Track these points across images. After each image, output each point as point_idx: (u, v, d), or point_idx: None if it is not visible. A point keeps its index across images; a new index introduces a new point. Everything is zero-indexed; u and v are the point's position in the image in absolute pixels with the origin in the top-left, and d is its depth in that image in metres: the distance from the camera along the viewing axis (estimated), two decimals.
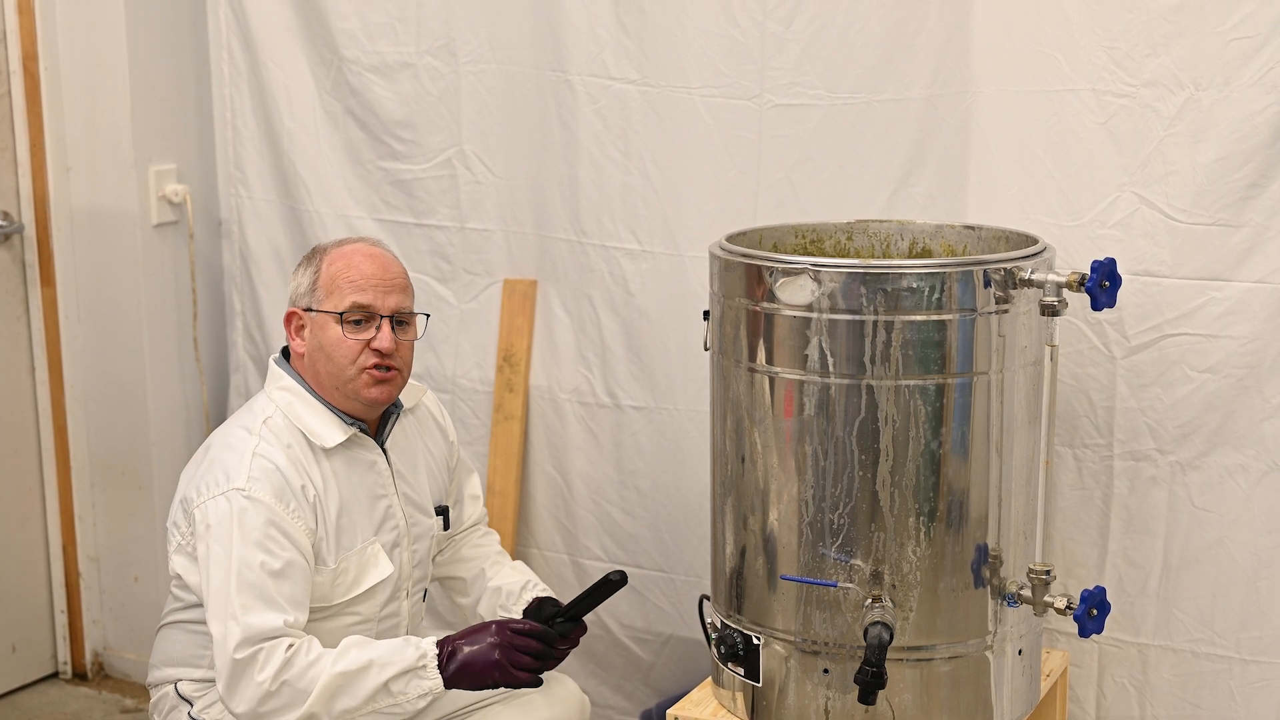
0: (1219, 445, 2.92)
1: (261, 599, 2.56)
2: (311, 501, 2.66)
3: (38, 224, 3.96)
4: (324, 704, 2.56)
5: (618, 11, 3.33)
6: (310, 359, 2.73)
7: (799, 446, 2.57)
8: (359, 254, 2.72)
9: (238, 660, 2.54)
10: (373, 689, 2.57)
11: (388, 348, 2.67)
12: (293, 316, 2.76)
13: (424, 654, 2.60)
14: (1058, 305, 2.51)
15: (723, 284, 2.67)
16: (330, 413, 2.72)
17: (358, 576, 2.73)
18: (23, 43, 3.86)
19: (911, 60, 3.10)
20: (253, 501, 2.59)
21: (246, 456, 2.64)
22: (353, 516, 2.73)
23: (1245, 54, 2.78)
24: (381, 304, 2.69)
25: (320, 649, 2.58)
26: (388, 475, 2.80)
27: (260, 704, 2.55)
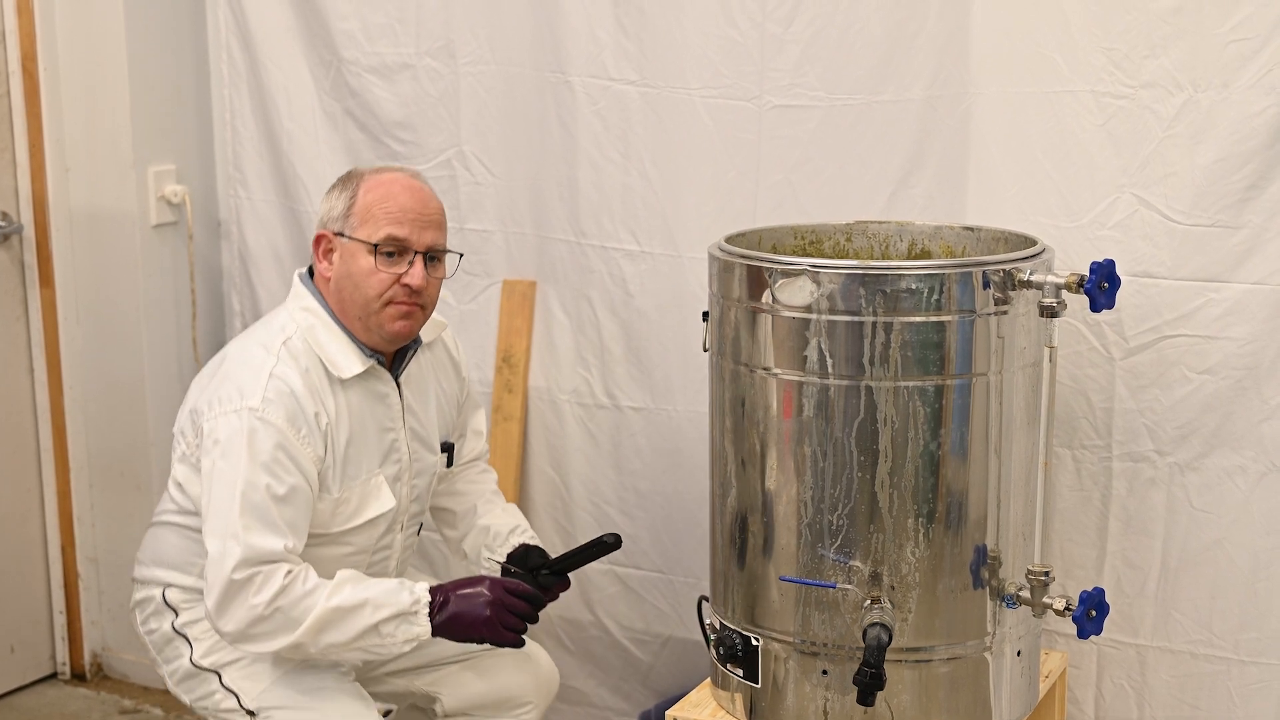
0: (1217, 447, 2.92)
1: (264, 521, 2.54)
2: (323, 429, 2.63)
3: (37, 225, 3.96)
4: (312, 635, 2.55)
5: (617, 13, 3.33)
6: (336, 285, 2.68)
7: (798, 448, 2.57)
8: (398, 185, 2.67)
9: (234, 580, 2.52)
10: (363, 628, 2.56)
11: (418, 284, 2.64)
12: (322, 239, 2.70)
13: (418, 600, 2.59)
14: (1056, 307, 2.51)
15: (722, 285, 2.67)
16: (350, 342, 2.68)
17: (359, 507, 2.71)
18: (22, 44, 3.86)
19: (911, 61, 3.10)
20: (264, 423, 2.56)
21: (263, 376, 2.60)
22: (360, 447, 2.70)
23: (1244, 56, 2.78)
24: (417, 239, 2.64)
25: (316, 580, 2.56)
26: (398, 409, 2.77)
27: (250, 626, 2.53)
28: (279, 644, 2.56)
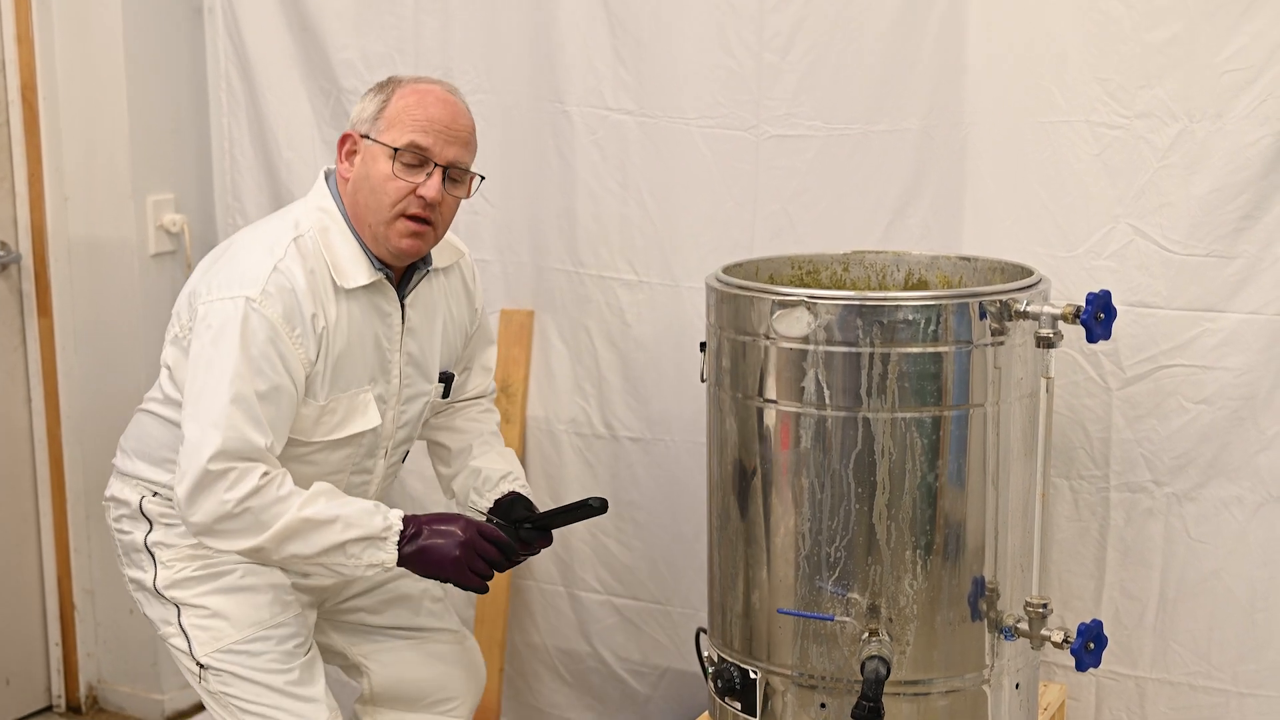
0: (1214, 477, 2.92)
1: (248, 415, 2.48)
2: (319, 332, 2.56)
3: (35, 254, 3.96)
4: (277, 542, 2.49)
5: (614, 43, 3.34)
6: (354, 186, 2.62)
7: (795, 479, 2.57)
8: (433, 95, 2.61)
9: (209, 470, 2.46)
10: (330, 544, 2.50)
11: (433, 197, 2.56)
12: (347, 139, 2.65)
13: (390, 526, 2.53)
14: (1053, 337, 2.51)
15: (719, 316, 2.68)
16: (361, 251, 2.62)
17: (344, 420, 2.65)
18: (21, 73, 3.86)
19: (907, 92, 3.11)
20: (260, 316, 2.50)
21: (266, 268, 2.54)
22: (353, 360, 2.64)
23: (1238, 86, 2.79)
24: (440, 152, 2.57)
25: (292, 487, 2.51)
26: (398, 330, 2.70)
27: (217, 522, 2.48)
28: (242, 544, 2.50)
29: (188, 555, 2.71)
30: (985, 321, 2.51)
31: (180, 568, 2.72)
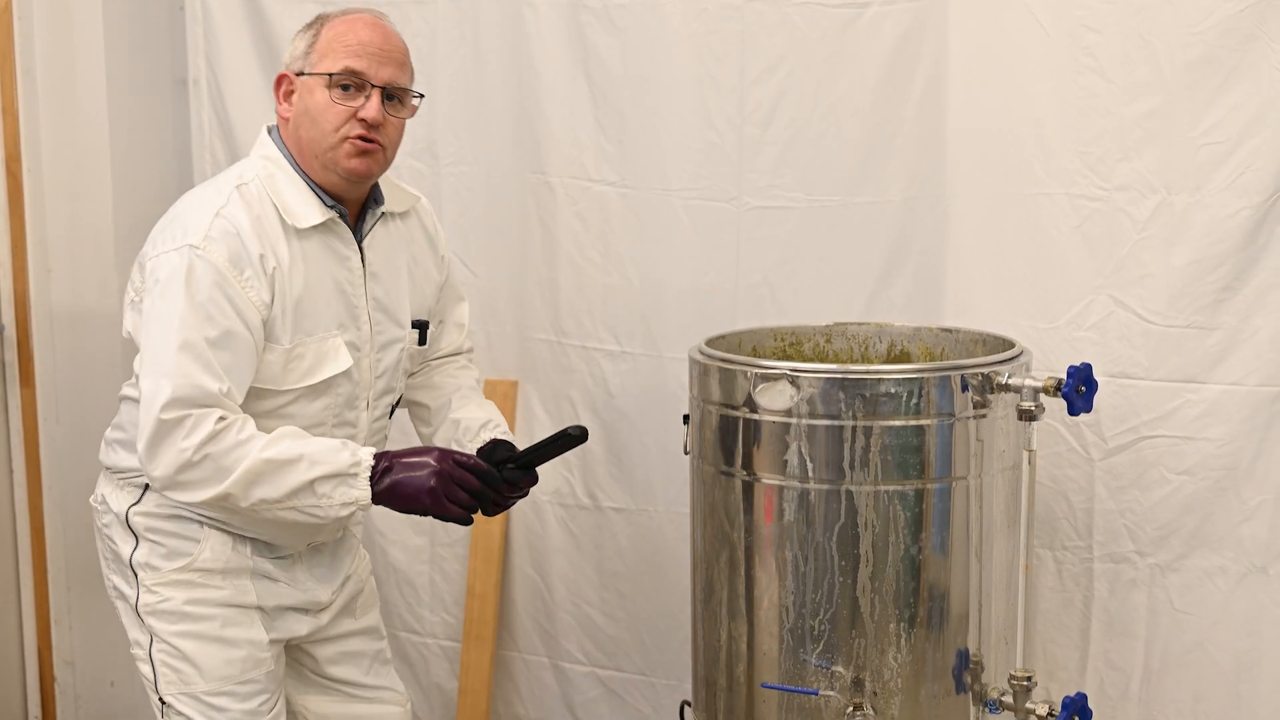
0: (1198, 547, 2.93)
1: (198, 361, 2.41)
2: (269, 273, 2.49)
3: (18, 325, 3.95)
4: (243, 487, 2.42)
5: (597, 115, 3.36)
6: (295, 124, 2.58)
7: (779, 552, 2.57)
8: (361, 20, 2.58)
9: (163, 420, 2.40)
10: (297, 484, 2.43)
11: (374, 118, 2.52)
12: (283, 80, 2.61)
13: (358, 462, 2.45)
14: (1035, 410, 2.52)
15: (702, 388, 2.68)
16: (311, 192, 2.57)
17: (314, 365, 2.57)
18: (6, 144, 3.87)
19: (888, 163, 3.13)
20: (204, 261, 2.44)
21: (209, 215, 2.48)
22: (316, 304, 2.57)
23: (1216, 159, 2.82)
24: (375, 73, 2.53)
25: (254, 430, 2.44)
26: (359, 274, 2.64)
27: (179, 472, 2.42)
28: (208, 493, 2.43)
29: (172, 582, 2.65)
30: (967, 394, 2.52)
31: (162, 595, 2.65)
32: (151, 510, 2.66)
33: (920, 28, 3.08)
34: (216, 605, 2.65)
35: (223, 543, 2.63)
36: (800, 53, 3.14)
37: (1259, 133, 2.79)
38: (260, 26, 3.70)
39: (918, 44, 3.09)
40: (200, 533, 2.62)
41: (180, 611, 2.64)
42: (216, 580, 2.64)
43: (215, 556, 2.63)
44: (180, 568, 2.64)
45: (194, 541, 2.62)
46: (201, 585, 2.64)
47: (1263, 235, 2.81)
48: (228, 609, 2.66)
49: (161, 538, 2.65)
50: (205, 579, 2.64)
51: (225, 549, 2.63)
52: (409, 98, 2.61)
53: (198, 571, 2.63)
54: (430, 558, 3.72)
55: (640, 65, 3.29)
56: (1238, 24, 2.78)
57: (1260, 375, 2.84)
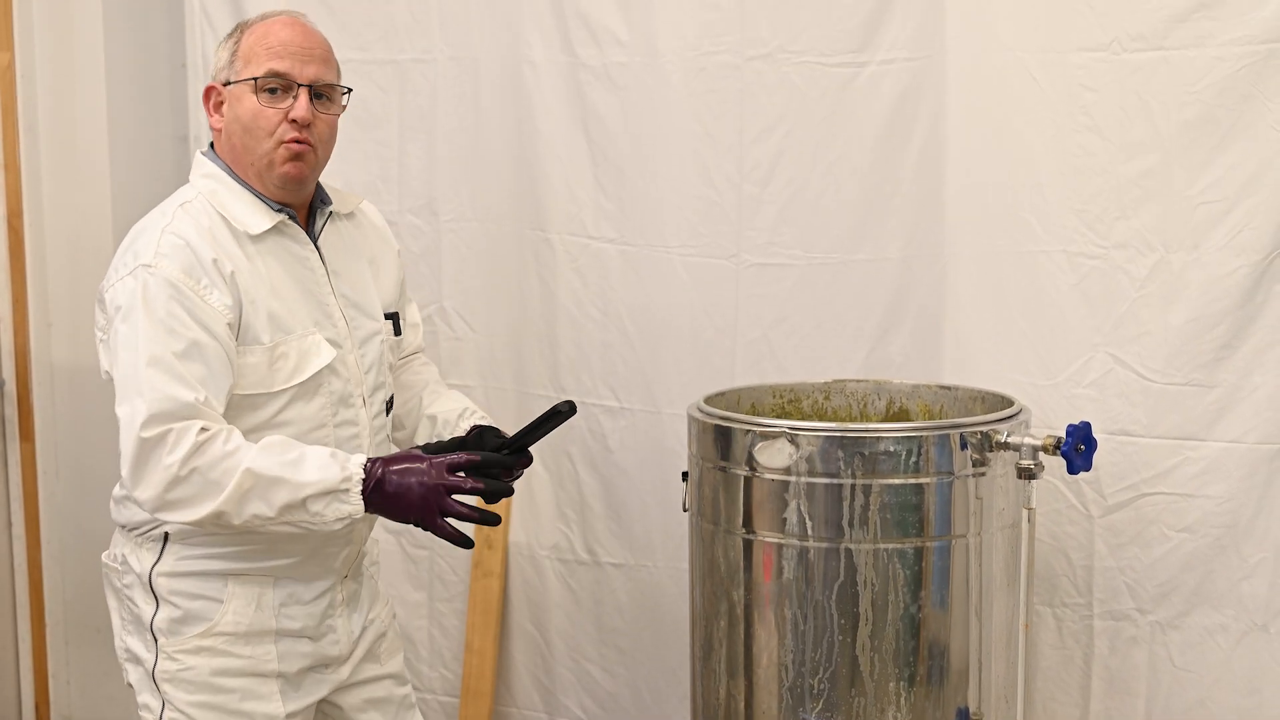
0: (1198, 605, 2.92)
1: (169, 374, 2.36)
2: (227, 275, 2.45)
3: (18, 379, 3.96)
4: (236, 504, 2.36)
5: (596, 172, 3.38)
6: (227, 135, 2.55)
7: (778, 610, 2.56)
8: (279, 22, 2.56)
9: (144, 439, 2.34)
10: (289, 501, 2.37)
11: (303, 117, 2.49)
12: (210, 92, 2.58)
13: (348, 476, 2.38)
14: (1034, 469, 2.52)
15: (701, 446, 2.68)
16: (255, 198, 2.53)
17: (299, 363, 2.52)
18: (8, 200, 3.89)
19: (887, 221, 3.14)
20: (157, 277, 2.41)
21: (156, 235, 2.46)
22: (289, 304, 2.53)
23: (1213, 218, 2.83)
24: (299, 72, 2.51)
25: (240, 441, 2.37)
26: (322, 273, 2.60)
27: (167, 490, 2.35)
28: (200, 512, 2.36)
29: (194, 649, 2.58)
30: (966, 452, 2.52)
31: (184, 664, 2.58)
32: (174, 569, 2.59)
33: (918, 87, 3.10)
34: (237, 675, 2.59)
35: (247, 601, 2.57)
36: (799, 111, 3.16)
37: (1256, 191, 2.80)
38: None
39: (916, 103, 3.10)
40: (224, 591, 2.56)
41: (201, 682, 2.58)
42: (239, 647, 2.57)
43: (238, 619, 2.56)
44: (202, 633, 2.57)
45: (216, 603, 2.56)
46: (224, 653, 2.57)
47: (1260, 293, 2.81)
48: (248, 679, 2.60)
49: (183, 600, 2.59)
50: (228, 645, 2.57)
51: (249, 609, 2.57)
52: (337, 93, 2.59)
53: (220, 636, 2.57)
54: (429, 613, 3.71)
55: (639, 123, 3.31)
56: (1234, 83, 2.80)
57: (1260, 433, 2.85)
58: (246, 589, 2.57)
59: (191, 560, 2.56)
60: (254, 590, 2.57)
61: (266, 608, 2.58)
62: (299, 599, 2.61)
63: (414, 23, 3.54)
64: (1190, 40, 2.81)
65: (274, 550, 2.55)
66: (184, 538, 2.54)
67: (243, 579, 2.56)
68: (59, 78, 3.83)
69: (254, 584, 2.57)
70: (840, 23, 3.12)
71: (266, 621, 2.58)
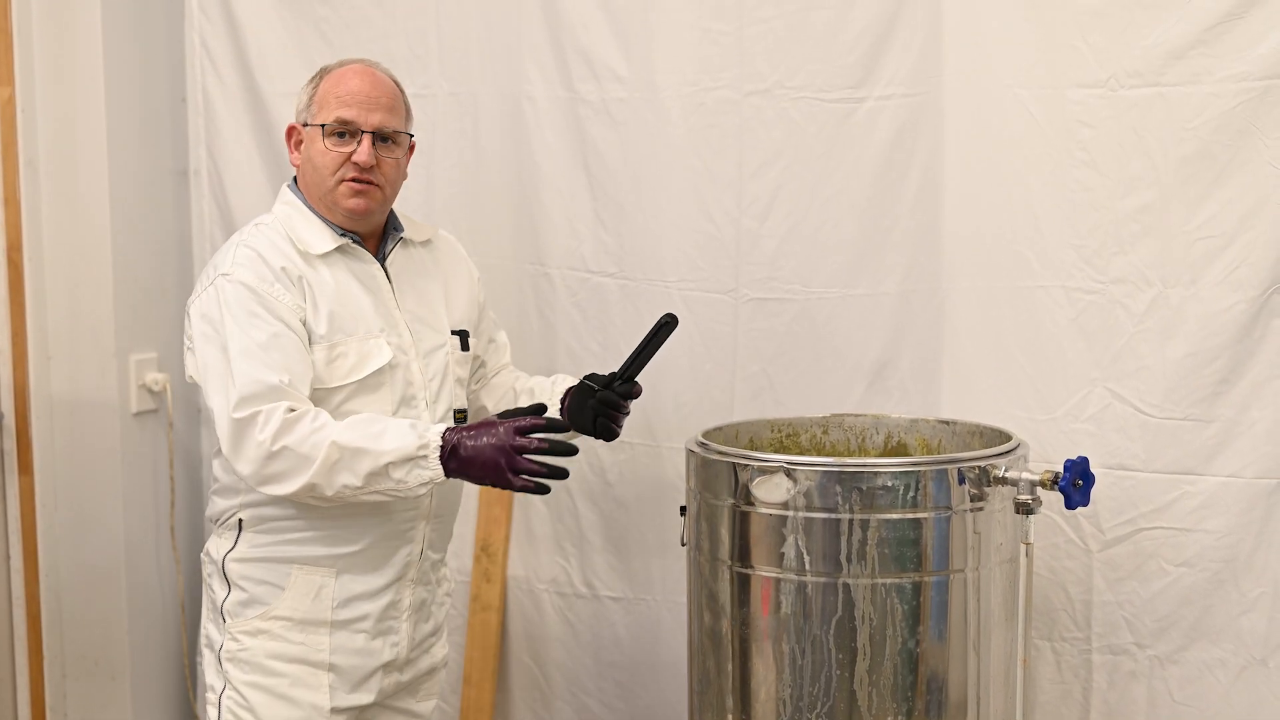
0: (1197, 639, 2.92)
1: (254, 361, 2.57)
2: (296, 280, 2.67)
3: (17, 412, 3.96)
4: (325, 475, 2.54)
5: (596, 207, 3.39)
6: (302, 171, 2.78)
7: (776, 644, 2.56)
8: (351, 71, 2.77)
9: (237, 420, 2.54)
10: (372, 469, 2.54)
11: (364, 161, 2.69)
12: (292, 131, 2.81)
13: (426, 444, 2.54)
14: (1032, 504, 2.52)
15: (699, 481, 2.68)
16: (323, 224, 2.75)
17: (358, 362, 2.70)
18: (8, 234, 3.89)
19: (885, 256, 3.15)
20: (234, 282, 2.63)
21: (233, 250, 2.70)
22: (352, 310, 2.71)
23: (1211, 253, 2.83)
24: (364, 120, 2.71)
25: (327, 419, 2.56)
26: (388, 290, 2.78)
27: (263, 466, 2.54)
28: (296, 484, 2.54)
29: (253, 630, 2.74)
30: (964, 487, 2.52)
31: (243, 644, 2.75)
32: (245, 555, 2.76)
33: (916, 122, 3.11)
34: (290, 661, 2.73)
35: (306, 590, 2.72)
36: (797, 146, 3.18)
37: (1253, 227, 2.81)
38: (261, 117, 3.73)
39: (914, 137, 3.12)
40: (287, 579, 2.71)
41: (255, 663, 2.74)
42: (293, 633, 2.72)
43: (295, 606, 2.71)
44: (260, 614, 2.73)
45: (278, 589, 2.72)
46: (280, 638, 2.73)
47: (1258, 328, 2.82)
48: (299, 666, 2.74)
49: (250, 584, 2.75)
50: (284, 630, 2.72)
51: (307, 598, 2.71)
52: (402, 138, 2.78)
53: (276, 620, 2.72)
54: None
55: (639, 158, 3.32)
56: (1230, 120, 2.81)
57: (1258, 468, 2.85)
58: (309, 578, 2.72)
59: (261, 547, 2.73)
60: (315, 581, 2.72)
61: (325, 599, 2.73)
62: (361, 593, 2.74)
63: (413, 58, 3.56)
64: (1187, 77, 2.83)
65: (335, 538, 2.69)
66: (256, 525, 2.73)
67: (307, 569, 2.72)
68: (59, 112, 3.84)
69: (316, 575, 2.72)
70: (838, 59, 3.14)
71: (323, 613, 2.73)
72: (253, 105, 3.74)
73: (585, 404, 2.80)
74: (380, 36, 3.57)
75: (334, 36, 3.60)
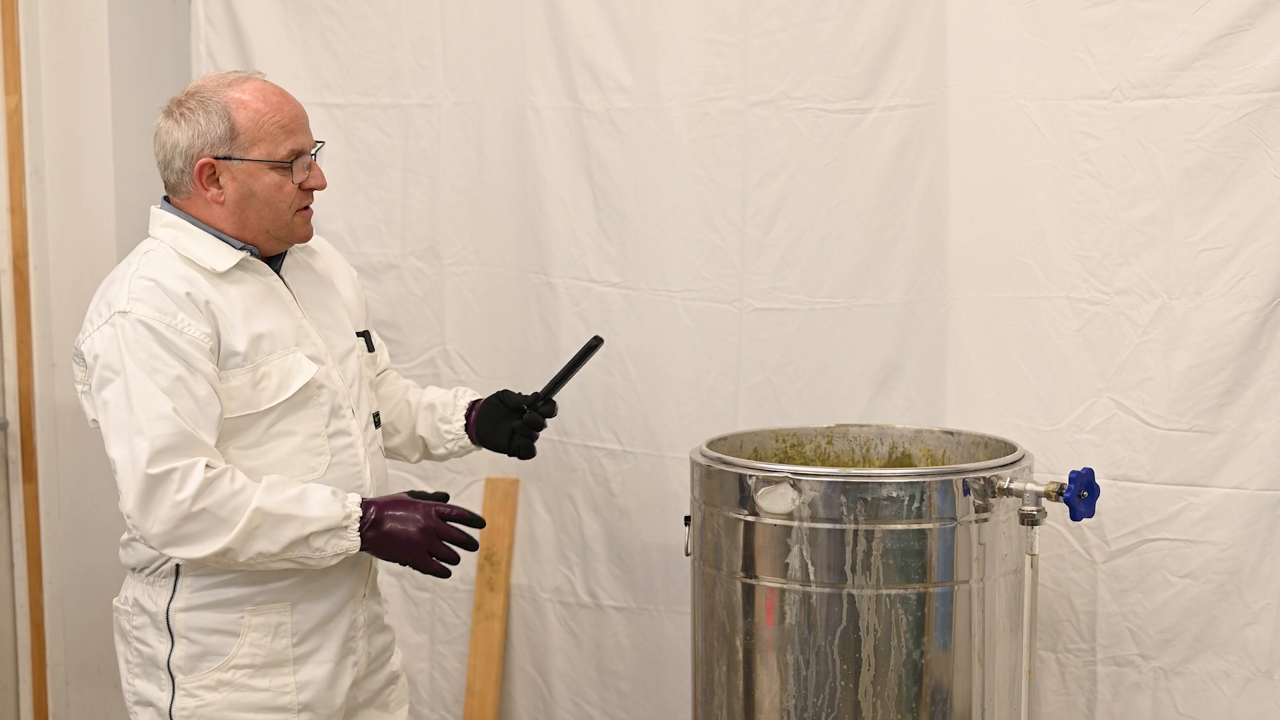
0: (1201, 651, 2.92)
1: (162, 413, 2.41)
2: (201, 305, 2.51)
3: (22, 420, 3.96)
4: (243, 541, 2.42)
5: (599, 216, 3.39)
6: (237, 207, 2.58)
7: (780, 655, 2.56)
8: (273, 94, 2.61)
9: (151, 476, 2.39)
10: (294, 538, 2.45)
11: (323, 185, 2.63)
12: (205, 168, 2.57)
13: (349, 514, 2.48)
14: (1037, 515, 2.52)
15: (703, 491, 2.68)
16: (217, 239, 2.59)
17: (283, 381, 2.58)
18: (13, 242, 3.90)
19: (889, 266, 3.15)
20: (132, 321, 2.46)
21: (126, 281, 2.52)
22: (265, 327, 2.58)
23: (1215, 264, 2.83)
24: (309, 142, 2.62)
25: (245, 480, 2.45)
26: (290, 299, 2.66)
27: (178, 526, 2.41)
28: (208, 549, 2.42)
29: (213, 684, 2.59)
30: (969, 498, 2.52)
31: (201, 700, 2.59)
32: (190, 604, 2.60)
33: (921, 133, 3.11)
34: (256, 710, 2.60)
35: (264, 631, 2.59)
36: (802, 157, 3.18)
37: (1258, 238, 2.81)
38: None
39: (918, 149, 3.12)
40: (239, 624, 2.58)
41: (219, 718, 2.60)
42: (256, 680, 2.59)
43: (255, 650, 2.58)
44: (219, 665, 2.59)
45: (233, 636, 2.58)
46: (242, 687, 2.59)
47: (1263, 340, 2.82)
48: (266, 714, 2.61)
49: (201, 635, 2.59)
50: (246, 679, 2.59)
51: (266, 639, 2.59)
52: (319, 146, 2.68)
53: (237, 670, 2.58)
54: (430, 655, 3.70)
55: (643, 168, 3.32)
56: (1235, 131, 2.81)
57: (1262, 479, 2.85)
58: (264, 618, 2.59)
59: (206, 592, 2.58)
60: (272, 620, 2.59)
61: (284, 636, 2.60)
62: (319, 621, 2.63)
63: (418, 68, 3.56)
64: (1192, 88, 2.83)
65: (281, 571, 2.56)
66: (194, 570, 2.56)
67: (259, 609, 2.59)
68: (65, 121, 3.85)
69: (271, 612, 2.59)
70: (843, 69, 3.14)
71: (284, 651, 2.60)
72: None
73: (502, 423, 2.83)
74: (385, 46, 3.58)
75: (339, 47, 3.61)
